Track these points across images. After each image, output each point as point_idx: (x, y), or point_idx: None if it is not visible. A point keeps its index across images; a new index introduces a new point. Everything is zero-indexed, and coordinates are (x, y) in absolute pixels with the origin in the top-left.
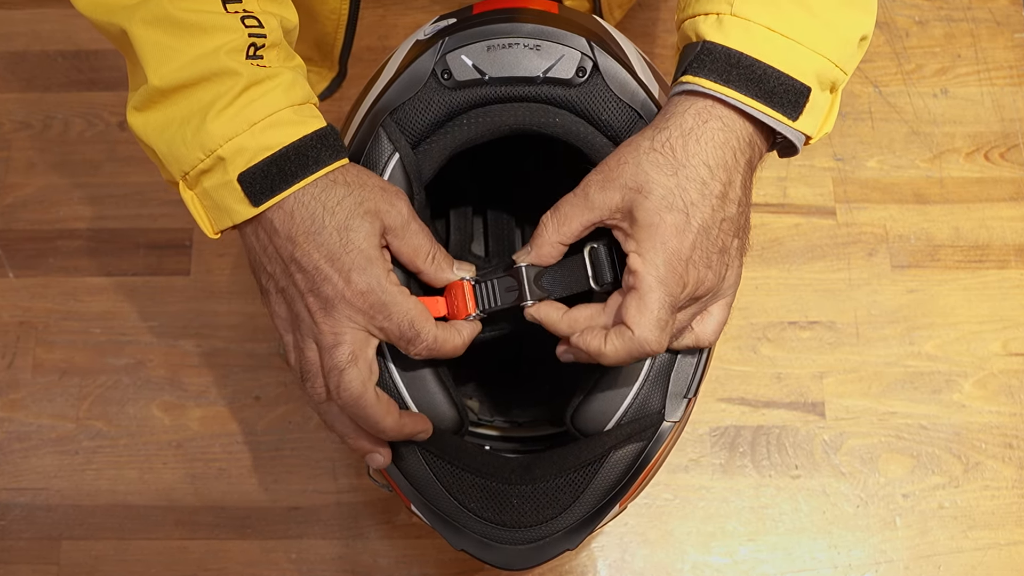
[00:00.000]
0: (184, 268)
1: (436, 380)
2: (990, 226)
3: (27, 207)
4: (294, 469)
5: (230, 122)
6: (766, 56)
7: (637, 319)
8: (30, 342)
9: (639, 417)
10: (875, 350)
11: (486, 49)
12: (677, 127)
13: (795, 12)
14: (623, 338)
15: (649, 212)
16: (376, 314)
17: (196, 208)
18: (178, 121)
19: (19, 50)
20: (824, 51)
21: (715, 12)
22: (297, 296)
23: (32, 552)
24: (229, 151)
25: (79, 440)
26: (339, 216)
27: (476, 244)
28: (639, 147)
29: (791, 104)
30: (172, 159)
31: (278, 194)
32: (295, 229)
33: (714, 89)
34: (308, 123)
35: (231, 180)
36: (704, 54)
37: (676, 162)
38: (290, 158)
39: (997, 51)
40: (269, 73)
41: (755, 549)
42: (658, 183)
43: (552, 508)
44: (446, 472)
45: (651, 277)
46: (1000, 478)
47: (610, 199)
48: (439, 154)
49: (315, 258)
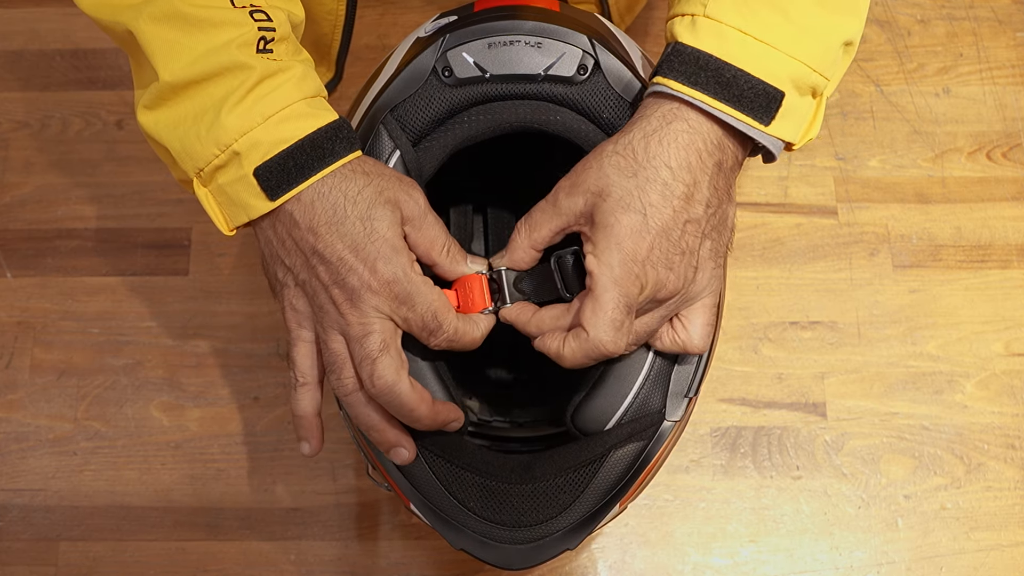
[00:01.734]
0: (183, 268)
1: (436, 378)
2: (992, 226)
3: (25, 207)
4: (293, 470)
5: (244, 116)
6: (737, 59)
7: (592, 320)
8: (28, 342)
9: (639, 416)
10: (877, 350)
11: (487, 46)
12: (640, 129)
13: (769, 16)
14: (579, 340)
15: (605, 213)
16: (401, 304)
17: (211, 205)
18: (191, 117)
19: (17, 49)
20: (800, 55)
21: (689, 13)
22: (320, 288)
23: (30, 553)
24: (244, 145)
25: (77, 441)
26: (361, 206)
27: (476, 242)
28: (603, 151)
29: (762, 109)
30: (186, 156)
31: (295, 187)
32: (316, 220)
33: (681, 91)
34: (321, 115)
35: (247, 175)
36: (674, 56)
37: (636, 164)
38: (305, 150)
39: (999, 50)
40: (281, 66)
41: (756, 550)
42: (617, 185)
43: (552, 507)
44: (446, 471)
45: (605, 278)
46: (1002, 479)
47: (575, 204)
48: (440, 151)
49: (338, 249)
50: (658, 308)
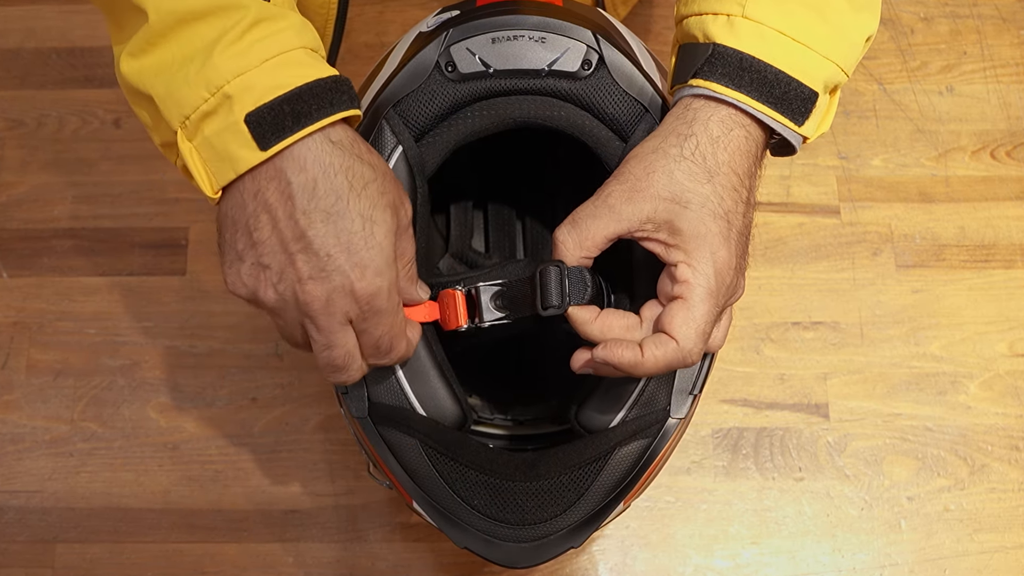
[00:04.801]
0: (180, 268)
1: (440, 376)
2: (996, 225)
3: (21, 206)
4: (291, 471)
5: (239, 57)
6: (778, 61)
7: (683, 330)
8: (24, 343)
9: (644, 414)
10: (880, 351)
11: (491, 41)
12: (704, 135)
13: (807, 16)
14: (665, 348)
15: (693, 221)
16: (368, 319)
17: (194, 162)
18: (180, 60)
19: (13, 47)
20: (833, 56)
21: (725, 13)
22: (291, 280)
23: (26, 555)
24: (237, 88)
25: (73, 442)
26: (364, 202)
27: (476, 238)
28: (667, 155)
29: (799, 110)
30: (172, 103)
31: (289, 136)
32: (308, 194)
33: (727, 94)
34: (323, 68)
35: (237, 121)
36: (716, 58)
37: (709, 170)
38: (304, 99)
39: (1003, 48)
40: (280, 12)
41: (758, 552)
42: (694, 191)
43: (557, 505)
44: (449, 469)
45: (701, 288)
46: (1006, 480)
47: (640, 210)
48: (443, 147)
49: (330, 244)
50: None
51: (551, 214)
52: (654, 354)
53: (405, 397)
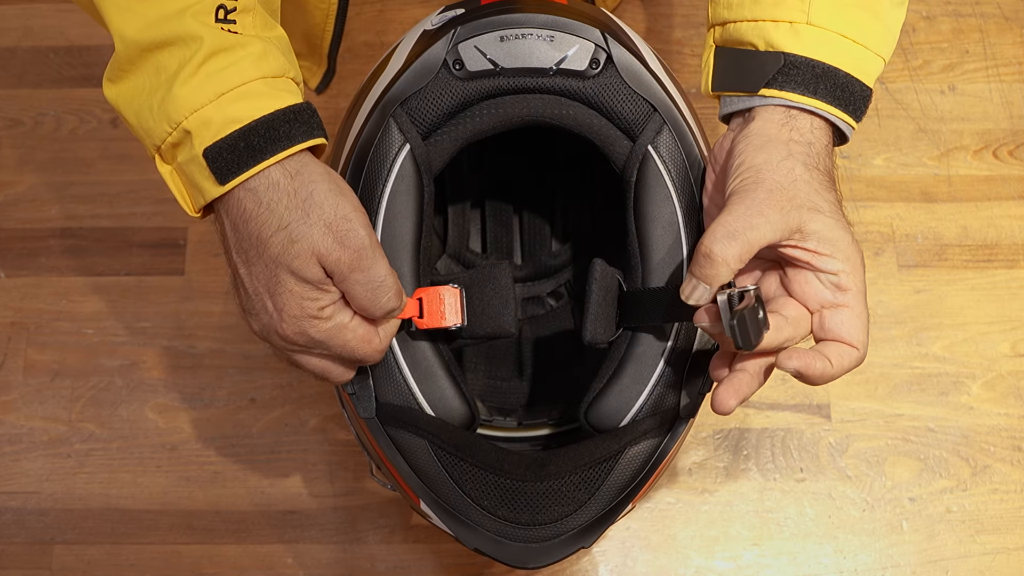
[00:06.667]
0: (178, 268)
1: (447, 375)
2: (999, 225)
3: (18, 206)
4: (290, 472)
5: (196, 92)
6: (843, 64)
7: (861, 337)
8: (21, 343)
9: (655, 413)
10: (881, 351)
11: (499, 39)
12: (817, 144)
13: (863, 17)
14: (851, 357)
15: (836, 229)
16: (314, 346)
17: (175, 184)
18: (148, 90)
19: (10, 46)
20: (883, 52)
21: (787, 20)
22: (241, 312)
23: (24, 557)
24: (194, 123)
25: (71, 443)
26: (274, 248)
27: (474, 237)
28: (804, 166)
29: (861, 108)
30: (143, 132)
31: (244, 171)
32: (265, 229)
33: (809, 104)
34: (281, 97)
35: (197, 155)
36: (790, 68)
37: (827, 179)
38: (259, 132)
39: (1005, 47)
40: (239, 41)
41: (759, 554)
42: (827, 200)
43: (567, 505)
44: (458, 468)
45: (862, 295)
46: (1009, 481)
47: (793, 220)
48: (450, 145)
49: (257, 284)
50: None
51: (549, 214)
52: (841, 364)
53: (413, 397)
